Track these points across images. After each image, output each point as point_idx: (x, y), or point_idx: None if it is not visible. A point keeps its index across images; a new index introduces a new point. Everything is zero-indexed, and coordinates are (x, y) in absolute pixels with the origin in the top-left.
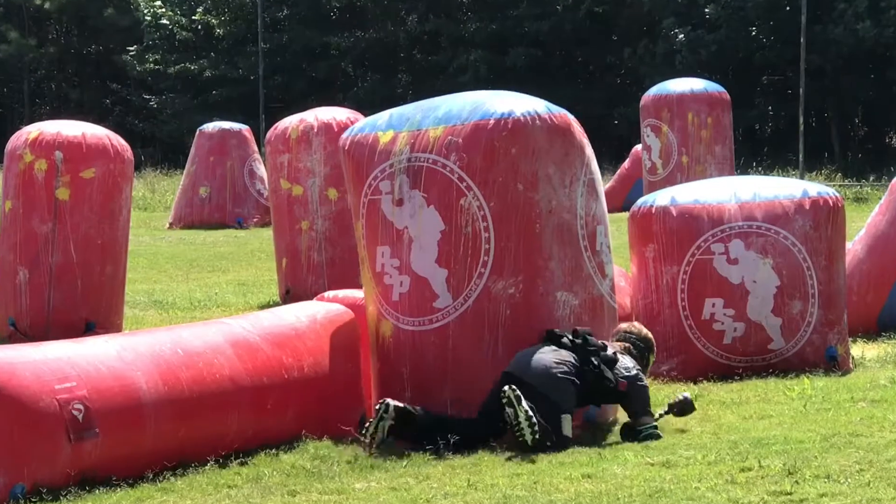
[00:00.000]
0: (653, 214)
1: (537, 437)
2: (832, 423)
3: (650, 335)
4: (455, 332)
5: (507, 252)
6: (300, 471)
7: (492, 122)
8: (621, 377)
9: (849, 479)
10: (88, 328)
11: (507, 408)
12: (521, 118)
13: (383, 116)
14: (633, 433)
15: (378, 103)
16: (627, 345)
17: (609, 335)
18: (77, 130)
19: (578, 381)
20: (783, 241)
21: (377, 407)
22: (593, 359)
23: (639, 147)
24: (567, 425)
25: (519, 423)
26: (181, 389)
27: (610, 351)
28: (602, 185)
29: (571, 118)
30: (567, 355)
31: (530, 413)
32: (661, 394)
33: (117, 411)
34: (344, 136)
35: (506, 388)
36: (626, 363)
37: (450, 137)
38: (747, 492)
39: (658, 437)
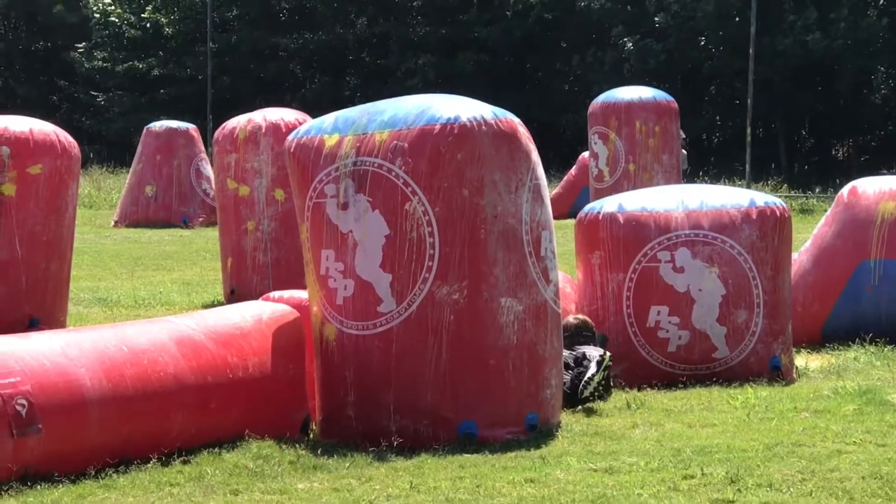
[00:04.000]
0: (600, 221)
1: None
2: (775, 433)
3: (580, 318)
4: (399, 337)
5: (452, 257)
6: (243, 470)
7: (438, 127)
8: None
9: (791, 489)
10: (32, 324)
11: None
12: (468, 123)
13: (329, 119)
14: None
15: (326, 105)
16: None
17: (555, 339)
18: (24, 126)
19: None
20: (729, 250)
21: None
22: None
23: (586, 154)
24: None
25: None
26: (125, 386)
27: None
28: (547, 191)
29: (518, 123)
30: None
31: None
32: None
33: (61, 407)
34: (289, 138)
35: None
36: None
37: (395, 142)
38: (689, 499)
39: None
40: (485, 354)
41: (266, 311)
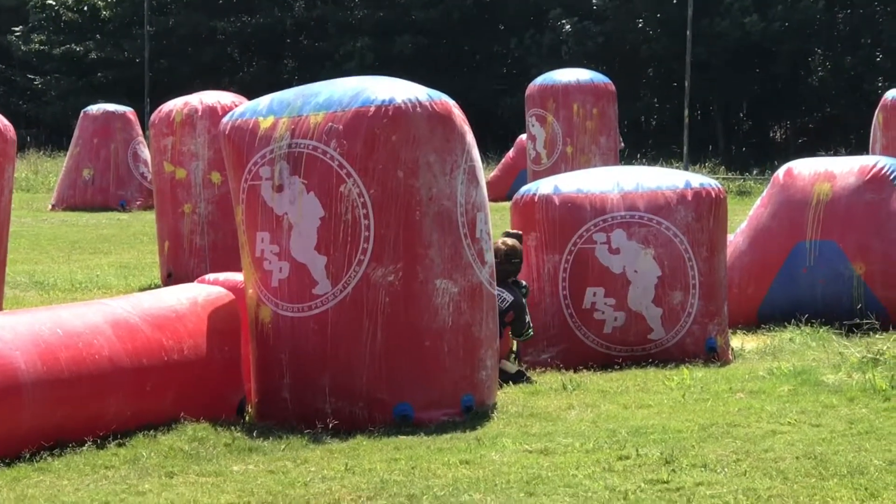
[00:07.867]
0: (535, 203)
1: None
2: (710, 414)
3: (508, 244)
4: (334, 319)
5: (387, 239)
6: (178, 452)
7: (372, 108)
8: (505, 310)
9: (725, 469)
10: None
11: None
12: (403, 105)
13: (264, 101)
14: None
15: (264, 89)
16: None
17: (490, 320)
18: None
19: None
20: (665, 231)
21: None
22: None
23: (524, 137)
24: None
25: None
26: (60, 369)
27: None
28: (482, 172)
29: (452, 105)
30: None
31: None
32: (542, 378)
33: None
34: (224, 120)
35: None
36: (503, 296)
37: (330, 124)
38: (624, 480)
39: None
40: (420, 336)
41: (201, 293)
